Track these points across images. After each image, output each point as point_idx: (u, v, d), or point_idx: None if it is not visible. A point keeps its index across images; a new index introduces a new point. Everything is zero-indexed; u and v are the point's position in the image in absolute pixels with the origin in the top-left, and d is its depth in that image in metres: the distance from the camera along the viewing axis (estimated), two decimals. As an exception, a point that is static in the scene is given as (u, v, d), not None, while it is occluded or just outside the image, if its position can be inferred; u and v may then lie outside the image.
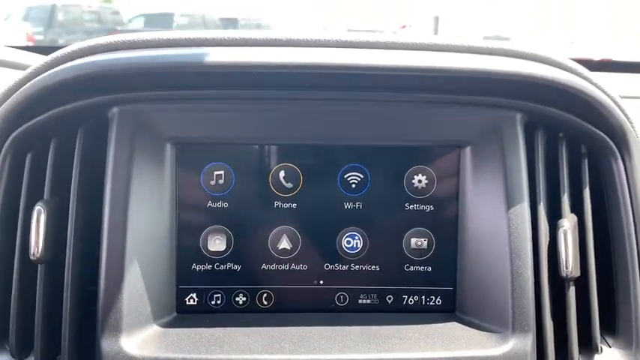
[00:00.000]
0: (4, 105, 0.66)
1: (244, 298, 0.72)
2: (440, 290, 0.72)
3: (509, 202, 0.68)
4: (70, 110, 0.67)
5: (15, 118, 0.67)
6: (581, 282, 0.68)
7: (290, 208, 0.71)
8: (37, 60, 1.04)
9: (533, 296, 0.66)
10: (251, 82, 0.68)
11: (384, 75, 0.66)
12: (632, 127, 0.69)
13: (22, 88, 0.66)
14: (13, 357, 0.66)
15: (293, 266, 0.71)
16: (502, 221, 0.68)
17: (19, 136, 0.67)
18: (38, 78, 0.65)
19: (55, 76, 0.64)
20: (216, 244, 0.71)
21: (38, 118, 0.67)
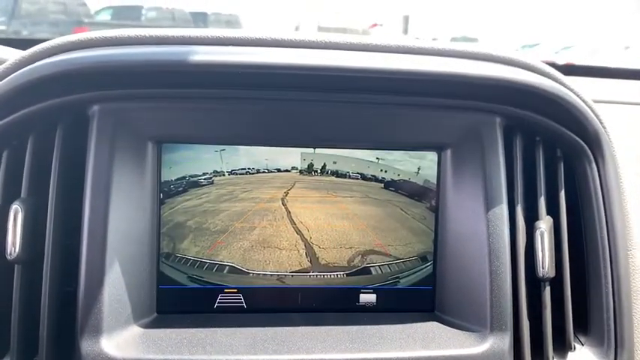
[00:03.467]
0: None
1: (226, 299, 0.71)
2: (419, 290, 0.73)
3: (489, 203, 0.69)
4: (49, 107, 0.65)
5: None
6: (556, 282, 0.70)
7: (271, 210, 0.71)
8: (8, 54, 1.02)
9: (510, 296, 0.67)
10: (234, 82, 0.67)
11: (367, 77, 0.66)
12: (606, 132, 0.71)
13: None
14: (-11, 358, 0.64)
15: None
16: (481, 222, 0.69)
17: None
18: (16, 74, 0.63)
19: (33, 73, 0.63)
20: (198, 245, 0.70)
21: (15, 115, 0.65)
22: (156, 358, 0.62)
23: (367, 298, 0.73)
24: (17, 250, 0.63)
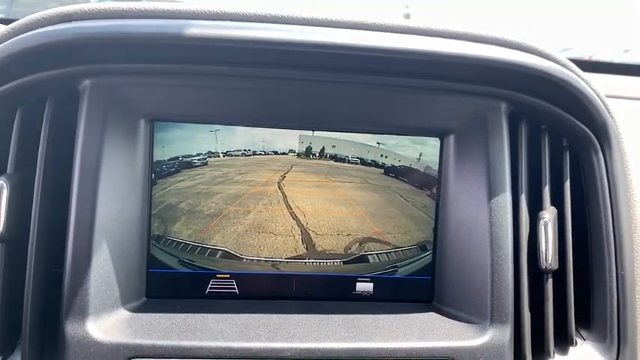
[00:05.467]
0: None
1: (218, 285, 0.69)
2: (418, 280, 0.71)
3: (492, 192, 0.67)
4: (39, 80, 0.63)
5: None
6: (558, 275, 0.68)
7: (266, 194, 0.69)
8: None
9: (512, 288, 0.65)
10: (232, 59, 0.65)
11: (370, 57, 0.63)
12: (614, 123, 0.69)
13: None
14: (-31, 340, 0.62)
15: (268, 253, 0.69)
16: (483, 211, 0.67)
17: None
18: (6, 43, 0.60)
19: (24, 42, 0.60)
20: (190, 228, 0.68)
21: (2, 87, 0.62)
22: (144, 343, 0.60)
23: (364, 286, 0.71)
24: (1, 228, 0.60)
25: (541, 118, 0.70)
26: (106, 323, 0.61)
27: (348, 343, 0.62)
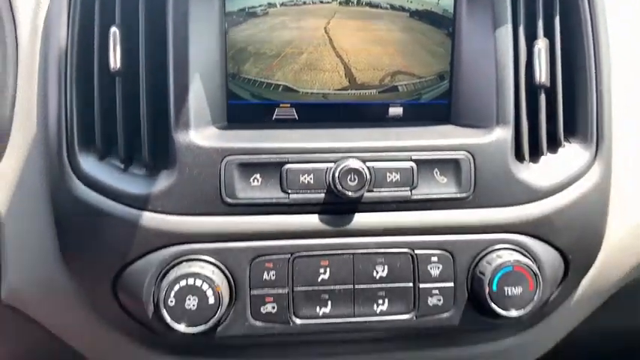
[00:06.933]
0: None
1: (281, 112, 0.87)
2: (438, 104, 0.90)
3: (496, 25, 0.83)
4: None
5: None
6: (550, 92, 0.86)
7: (316, 37, 0.86)
8: None
9: (513, 98, 0.83)
10: None
11: None
12: None
13: None
14: (98, 154, 0.81)
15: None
16: (490, 41, 0.84)
17: None
18: None
19: None
20: (257, 67, 0.86)
21: None
22: (235, 145, 0.78)
23: (395, 111, 0.90)
24: (119, 64, 0.78)
25: None
26: (205, 134, 0.80)
27: (382, 142, 0.81)
